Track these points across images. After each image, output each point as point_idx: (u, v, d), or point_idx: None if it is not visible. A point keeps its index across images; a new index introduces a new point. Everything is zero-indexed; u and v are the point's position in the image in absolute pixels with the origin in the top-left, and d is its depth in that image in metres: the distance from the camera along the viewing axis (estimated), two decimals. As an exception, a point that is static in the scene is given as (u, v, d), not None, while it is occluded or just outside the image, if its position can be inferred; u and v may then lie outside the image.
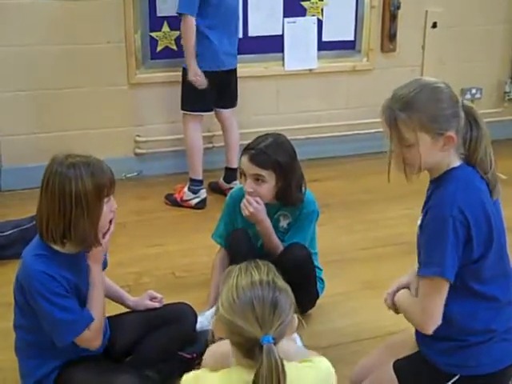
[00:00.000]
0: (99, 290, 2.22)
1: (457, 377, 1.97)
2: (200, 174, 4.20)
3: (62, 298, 2.10)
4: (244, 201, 2.71)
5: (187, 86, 4.09)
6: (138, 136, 4.64)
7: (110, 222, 2.19)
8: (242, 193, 2.78)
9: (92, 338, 2.18)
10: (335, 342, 2.72)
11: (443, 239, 1.86)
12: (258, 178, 2.68)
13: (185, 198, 4.17)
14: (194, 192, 4.18)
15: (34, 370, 2.26)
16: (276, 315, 1.53)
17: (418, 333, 2.05)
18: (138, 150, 4.66)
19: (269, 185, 2.69)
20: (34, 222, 3.49)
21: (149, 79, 4.54)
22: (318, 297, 2.85)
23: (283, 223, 2.79)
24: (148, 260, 3.42)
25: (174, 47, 4.53)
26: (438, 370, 1.98)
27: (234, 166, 4.24)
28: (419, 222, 2.00)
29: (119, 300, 2.54)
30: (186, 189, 4.19)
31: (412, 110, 1.87)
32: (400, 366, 2.07)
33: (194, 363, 2.53)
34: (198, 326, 2.60)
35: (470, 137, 1.96)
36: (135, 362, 2.36)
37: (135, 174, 4.62)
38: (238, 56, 4.37)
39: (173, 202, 4.18)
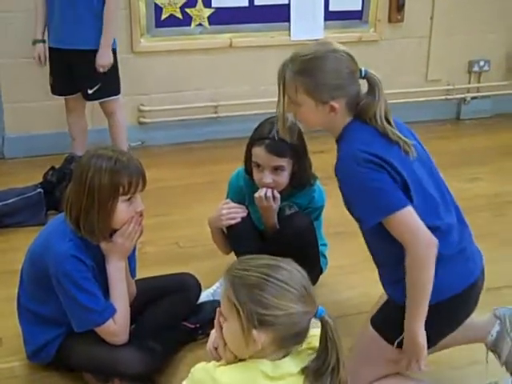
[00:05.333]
0: (117, 287, 2.19)
1: None
2: None
3: (89, 284, 2.11)
4: (261, 193, 2.58)
5: (113, 67, 3.85)
6: (142, 105, 4.60)
7: (140, 223, 2.18)
8: (244, 176, 2.71)
9: (117, 332, 2.18)
10: (340, 313, 2.69)
11: (363, 184, 1.90)
12: (276, 168, 2.58)
13: None
14: None
15: (37, 336, 2.27)
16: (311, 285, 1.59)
17: (381, 279, 2.09)
18: (142, 120, 4.63)
19: (286, 172, 2.59)
20: (38, 190, 3.55)
21: (153, 47, 4.50)
22: (321, 272, 2.80)
23: (288, 213, 2.73)
24: (152, 230, 3.37)
25: (179, 15, 4.48)
26: (404, 307, 1.96)
27: None
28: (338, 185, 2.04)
29: None
30: None
31: (301, 73, 1.97)
32: (375, 319, 2.09)
33: (197, 333, 2.53)
34: (203, 297, 2.60)
35: (366, 101, 2.00)
36: (138, 331, 2.36)
37: (139, 143, 4.59)
38: (245, 25, 4.32)
39: None
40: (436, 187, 2.04)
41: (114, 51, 3.85)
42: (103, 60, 3.72)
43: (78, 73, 3.78)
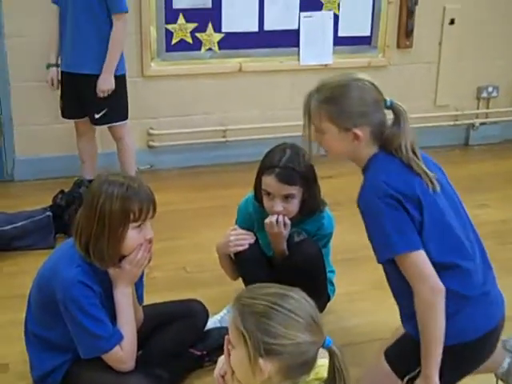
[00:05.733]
0: (125, 312, 2.19)
1: None
2: None
3: (96, 310, 2.10)
4: (272, 219, 2.58)
5: (121, 93, 3.88)
6: (152, 129, 4.62)
7: (149, 250, 2.18)
8: (254, 202, 2.72)
9: (124, 358, 2.18)
10: (348, 341, 2.68)
11: (382, 219, 1.91)
12: (287, 196, 2.58)
13: None
14: None
15: (44, 362, 2.26)
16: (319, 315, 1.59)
17: (399, 311, 2.07)
18: (152, 143, 4.65)
19: (297, 200, 2.59)
20: (47, 214, 3.56)
21: (163, 71, 4.53)
22: (328, 300, 2.80)
23: (297, 239, 2.72)
24: (159, 254, 3.36)
25: (190, 40, 4.51)
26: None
27: None
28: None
29: None
30: None
31: (325, 101, 2.02)
32: (389, 352, 2.07)
33: (203, 360, 2.53)
34: (210, 324, 2.59)
35: (391, 131, 2.02)
36: (145, 358, 2.35)
37: (148, 166, 4.61)
38: (254, 50, 4.33)
39: None
40: (460, 224, 2.03)
41: (123, 76, 3.88)
42: (104, 85, 3.74)
43: (85, 97, 3.81)
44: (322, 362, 1.61)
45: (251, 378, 1.55)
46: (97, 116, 3.85)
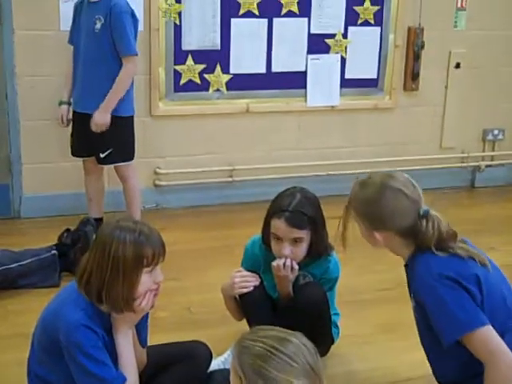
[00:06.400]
0: (127, 354, 2.17)
1: None
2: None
3: (99, 353, 2.08)
4: (280, 262, 2.59)
5: (127, 133, 3.94)
6: (159, 168, 4.65)
7: (155, 294, 2.17)
8: (260, 244, 2.73)
9: None
10: (351, 386, 2.67)
11: (444, 301, 1.93)
12: (296, 240, 2.59)
13: None
14: None
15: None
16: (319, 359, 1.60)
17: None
18: (158, 182, 4.67)
19: (305, 243, 2.60)
20: (53, 252, 3.56)
21: (171, 111, 4.57)
22: (332, 342, 2.78)
23: (302, 282, 2.72)
24: (164, 294, 3.35)
25: (198, 80, 4.56)
26: None
27: None
28: (413, 304, 2.10)
29: None
30: None
31: (358, 200, 2.16)
32: None
33: (206, 403, 2.50)
34: (214, 365, 2.57)
35: (423, 235, 2.07)
36: (148, 400, 2.33)
37: (154, 205, 4.63)
38: (262, 91, 4.36)
39: None
40: (509, 292, 2.09)
41: (131, 117, 3.93)
42: (98, 119, 3.74)
43: (91, 136, 3.84)
44: None
45: None
46: (102, 155, 3.88)
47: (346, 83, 4.91)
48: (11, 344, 2.91)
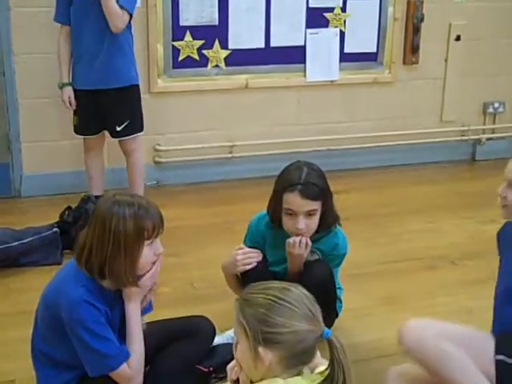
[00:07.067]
0: (136, 329, 2.18)
1: None
2: None
3: (102, 329, 2.09)
4: (296, 239, 2.58)
5: (139, 103, 3.94)
6: (158, 145, 4.64)
7: (154, 263, 2.17)
8: (266, 220, 2.72)
9: (132, 376, 2.16)
10: (355, 358, 2.65)
11: None
12: (310, 213, 2.57)
13: None
14: None
15: (51, 379, 2.24)
16: (318, 307, 1.65)
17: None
18: (158, 159, 4.66)
19: (317, 216, 2.60)
20: (54, 230, 3.56)
21: (170, 88, 4.55)
22: (336, 316, 2.79)
23: (310, 258, 2.70)
24: (166, 270, 3.36)
25: (196, 57, 4.53)
26: None
27: None
28: None
29: None
30: None
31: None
32: None
33: (210, 377, 2.51)
34: (219, 340, 2.58)
35: None
36: (152, 375, 2.34)
37: (154, 182, 4.62)
38: (260, 66, 4.33)
39: None
40: None
41: (137, 86, 3.91)
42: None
43: (107, 111, 3.82)
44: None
45: (253, 369, 1.62)
46: (118, 128, 3.86)
47: (345, 57, 4.88)
48: (14, 321, 2.92)
